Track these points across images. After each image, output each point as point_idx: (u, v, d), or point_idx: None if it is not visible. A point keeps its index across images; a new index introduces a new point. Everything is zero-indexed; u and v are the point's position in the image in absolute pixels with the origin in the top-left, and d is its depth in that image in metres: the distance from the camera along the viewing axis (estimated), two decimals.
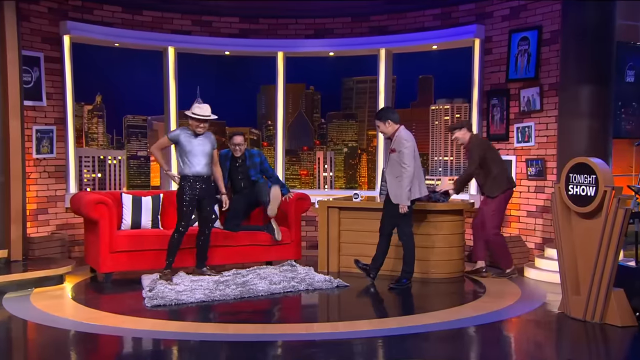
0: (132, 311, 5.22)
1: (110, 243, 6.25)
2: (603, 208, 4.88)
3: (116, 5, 8.01)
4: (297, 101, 10.10)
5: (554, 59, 7.05)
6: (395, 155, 6.05)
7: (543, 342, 4.76)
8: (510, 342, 4.81)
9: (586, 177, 4.98)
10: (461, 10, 8.01)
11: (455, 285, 6.37)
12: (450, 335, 4.74)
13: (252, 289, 5.87)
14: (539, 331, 4.95)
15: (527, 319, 5.20)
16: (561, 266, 5.25)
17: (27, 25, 7.18)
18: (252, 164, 6.92)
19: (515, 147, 7.51)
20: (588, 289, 4.98)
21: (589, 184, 4.96)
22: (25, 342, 4.77)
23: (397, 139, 6.07)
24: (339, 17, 8.69)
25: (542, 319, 5.21)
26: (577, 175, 5.05)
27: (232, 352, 4.36)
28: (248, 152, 6.96)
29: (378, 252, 6.23)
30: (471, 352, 4.58)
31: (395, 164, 6.04)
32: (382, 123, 6.13)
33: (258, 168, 6.94)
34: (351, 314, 5.59)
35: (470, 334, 4.82)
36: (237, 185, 6.94)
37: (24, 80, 6.84)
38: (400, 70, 8.91)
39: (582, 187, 5.01)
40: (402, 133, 6.10)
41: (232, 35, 8.65)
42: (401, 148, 5.98)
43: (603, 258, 4.89)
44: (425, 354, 4.31)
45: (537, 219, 7.30)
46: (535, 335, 4.87)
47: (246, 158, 6.91)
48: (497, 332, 4.95)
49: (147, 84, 8.92)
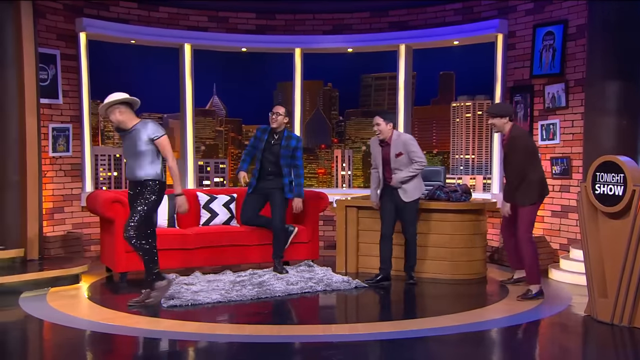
0: (148, 311, 5.25)
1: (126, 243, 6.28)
2: (632, 208, 4.81)
3: (132, 1, 8.07)
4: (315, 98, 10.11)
5: (580, 54, 6.96)
6: (402, 157, 6.16)
7: (569, 346, 4.70)
8: (534, 346, 4.75)
9: (614, 176, 4.92)
10: (484, 5, 7.95)
11: (476, 286, 6.31)
12: (471, 338, 4.69)
13: (269, 289, 5.87)
14: (564, 335, 4.89)
15: (551, 322, 5.13)
16: (587, 268, 5.18)
17: (43, 22, 7.25)
18: (287, 145, 6.51)
19: (539, 145, 7.41)
20: (616, 291, 4.91)
21: (616, 183, 4.90)
22: (41, 342, 4.82)
23: (401, 141, 6.20)
24: (357, 12, 8.66)
25: (568, 322, 5.15)
26: (605, 174, 4.99)
27: (248, 354, 4.35)
28: (288, 132, 6.65)
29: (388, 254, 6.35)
30: (493, 356, 4.53)
31: (403, 167, 6.17)
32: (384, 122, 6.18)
33: (290, 152, 6.54)
34: (370, 316, 5.60)
35: (492, 337, 4.78)
36: (264, 169, 6.55)
37: (40, 78, 6.91)
38: (421, 66, 8.86)
39: (609, 186, 4.94)
40: (405, 135, 6.38)
41: (249, 31, 8.67)
42: (411, 148, 6.15)
43: (632, 259, 4.81)
44: (445, 357, 4.28)
45: (562, 219, 7.22)
46: (561, 339, 4.81)
47: (283, 137, 6.55)
48: (520, 336, 4.90)
49: (163, 81, 8.97)
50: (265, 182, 6.59)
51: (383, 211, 6.36)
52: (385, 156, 6.25)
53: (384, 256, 6.36)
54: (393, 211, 6.28)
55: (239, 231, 6.78)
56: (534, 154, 5.82)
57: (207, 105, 10.15)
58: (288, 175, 6.59)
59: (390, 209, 6.29)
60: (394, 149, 6.18)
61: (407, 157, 6.16)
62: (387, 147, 6.23)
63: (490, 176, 8.01)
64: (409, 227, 6.30)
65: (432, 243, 6.57)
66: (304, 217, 7.01)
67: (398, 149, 6.17)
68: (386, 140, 6.22)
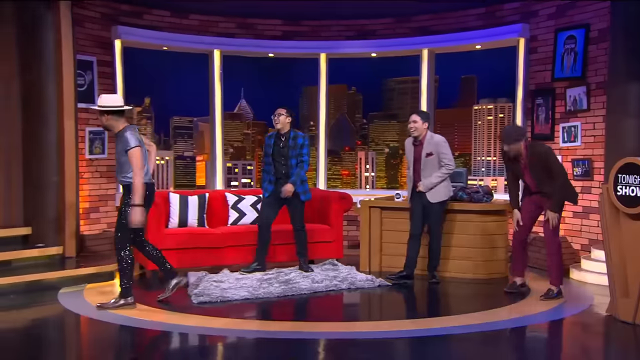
0: (179, 307, 5.28)
1: (159, 241, 6.30)
2: None
3: (164, 9, 8.15)
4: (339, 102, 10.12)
5: (602, 58, 6.85)
6: (432, 158, 6.13)
7: (590, 346, 4.63)
8: (556, 346, 4.69)
9: (636, 178, 4.84)
10: (506, 9, 7.86)
11: (499, 286, 6.23)
12: (493, 336, 4.64)
13: (295, 287, 5.88)
14: (586, 334, 4.82)
15: (573, 322, 5.06)
16: (609, 268, 5.10)
17: (81, 30, 7.35)
18: (294, 144, 6.41)
19: (560, 147, 7.32)
20: (638, 291, 4.82)
21: (638, 184, 4.81)
22: (78, 335, 4.90)
23: (434, 142, 6.17)
24: (381, 18, 8.64)
25: (589, 322, 5.07)
26: (627, 175, 4.90)
27: (274, 349, 4.35)
28: (294, 132, 6.49)
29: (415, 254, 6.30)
30: (514, 355, 4.47)
31: (432, 167, 6.14)
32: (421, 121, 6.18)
33: (298, 150, 6.42)
34: (393, 314, 5.57)
35: (514, 336, 4.73)
36: (278, 171, 6.46)
37: (77, 83, 6.99)
38: (443, 70, 8.81)
39: (631, 188, 4.86)
40: (438, 136, 6.28)
41: (275, 37, 8.70)
42: (442, 150, 6.13)
43: None
44: (467, 355, 4.24)
45: (584, 219, 7.11)
46: (582, 339, 4.75)
47: (290, 138, 6.45)
48: (541, 335, 4.84)
49: (193, 86, 9.06)
50: (280, 186, 6.46)
51: (412, 212, 6.32)
52: (416, 155, 6.24)
53: (410, 255, 6.32)
54: (421, 212, 6.25)
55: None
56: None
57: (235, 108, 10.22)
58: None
59: (418, 209, 6.27)
60: (425, 149, 6.16)
61: (437, 158, 6.14)
62: (420, 147, 6.21)
63: None
64: (434, 228, 6.28)
65: (454, 243, 6.54)
66: (329, 217, 7.00)
67: (429, 149, 6.15)
68: (420, 139, 6.21)
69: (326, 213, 7.02)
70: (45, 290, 5.76)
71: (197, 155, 9.83)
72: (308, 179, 6.78)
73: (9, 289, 5.66)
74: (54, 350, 4.58)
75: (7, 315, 5.15)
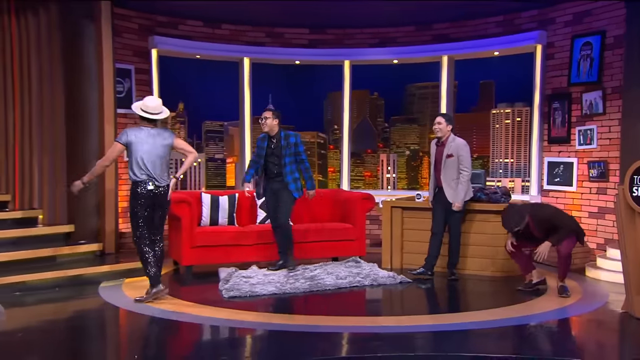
0: (211, 301, 5.32)
1: (191, 238, 6.40)
2: None
3: (198, 20, 8.24)
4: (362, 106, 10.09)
5: (617, 63, 6.74)
6: (452, 160, 6.08)
7: (606, 342, 4.55)
8: (571, 342, 4.62)
9: None
10: (523, 17, 7.78)
11: (515, 283, 6.16)
12: (510, 332, 4.61)
13: (320, 283, 5.89)
14: (601, 331, 4.74)
15: (588, 319, 4.99)
16: (625, 266, 5.01)
17: (120, 41, 7.47)
18: (287, 144, 6.25)
19: (577, 150, 7.23)
20: None
21: None
22: (117, 327, 4.96)
23: (455, 144, 6.14)
24: (402, 26, 8.62)
25: (605, 319, 4.99)
26: None
27: (300, 342, 4.36)
28: (284, 132, 6.31)
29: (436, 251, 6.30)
30: (532, 350, 4.42)
31: (451, 168, 6.11)
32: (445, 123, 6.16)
33: (292, 149, 6.28)
34: (414, 309, 5.55)
35: (531, 332, 4.66)
36: (270, 171, 6.33)
37: (117, 90, 7.08)
38: (462, 75, 8.73)
39: None
40: (459, 140, 6.22)
41: (302, 45, 8.73)
42: (462, 153, 6.09)
43: None
44: (486, 350, 4.21)
45: (599, 219, 7.00)
46: (598, 335, 4.67)
47: (281, 138, 6.26)
48: (557, 331, 4.78)
49: (224, 92, 9.11)
50: (273, 183, 6.39)
51: (434, 210, 6.32)
52: (438, 155, 6.23)
53: (431, 252, 6.32)
54: (442, 211, 6.24)
55: (293, 229, 6.81)
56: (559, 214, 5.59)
57: None
58: (290, 173, 6.30)
59: (439, 208, 6.26)
60: (447, 150, 6.15)
61: (457, 160, 6.11)
62: (442, 147, 6.20)
63: (529, 179, 7.84)
64: (453, 227, 6.25)
65: (473, 242, 6.50)
66: (352, 217, 7.00)
67: (450, 151, 6.14)
68: (442, 140, 6.21)
69: (349, 213, 7.02)
70: (86, 284, 5.87)
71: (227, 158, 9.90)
72: (331, 179, 6.77)
73: (54, 282, 5.77)
74: (94, 339, 4.66)
75: (52, 307, 5.27)
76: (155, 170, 5.12)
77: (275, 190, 6.40)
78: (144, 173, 5.09)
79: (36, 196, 6.78)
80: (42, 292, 5.58)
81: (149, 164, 5.09)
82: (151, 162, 5.10)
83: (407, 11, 8.18)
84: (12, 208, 6.79)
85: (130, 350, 4.32)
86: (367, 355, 3.97)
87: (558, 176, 7.44)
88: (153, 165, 5.11)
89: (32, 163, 6.77)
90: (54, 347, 4.29)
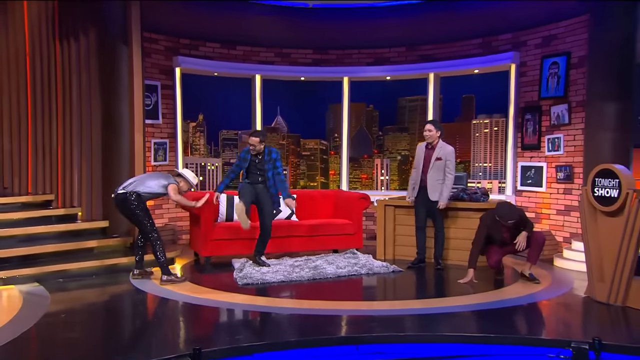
0: (227, 288, 5.36)
1: (210, 233, 6.43)
2: (625, 208, 4.69)
3: (216, 42, 8.30)
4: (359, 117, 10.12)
5: (581, 80, 6.80)
6: (440, 163, 6.06)
7: (571, 322, 4.61)
8: (542, 322, 4.67)
9: (610, 181, 4.80)
10: (500, 40, 7.83)
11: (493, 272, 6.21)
12: (489, 314, 4.65)
13: (322, 272, 5.93)
14: (568, 313, 4.79)
15: (556, 302, 5.04)
16: (587, 257, 5.06)
17: (148, 60, 7.53)
18: (269, 159, 6.13)
19: (546, 155, 7.28)
20: (611, 277, 4.80)
21: (612, 187, 4.78)
22: (145, 309, 4.99)
23: (445, 150, 6.12)
24: (394, 47, 8.66)
25: (570, 302, 5.04)
26: (602, 179, 4.87)
27: (305, 324, 4.40)
28: (268, 148, 6.18)
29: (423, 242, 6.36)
30: (507, 330, 4.47)
31: (438, 171, 6.10)
32: (435, 130, 6.15)
33: (273, 163, 6.16)
34: (405, 295, 5.58)
35: (507, 314, 4.70)
36: (254, 179, 6.18)
37: (145, 103, 7.11)
38: (446, 90, 8.77)
39: (606, 190, 4.82)
40: (449, 147, 6.21)
41: (307, 64, 8.77)
42: (450, 158, 6.08)
43: (625, 250, 4.70)
44: (468, 329, 4.26)
45: (565, 216, 7.05)
46: (564, 316, 4.72)
47: (265, 154, 6.14)
48: (530, 313, 4.82)
49: (238, 105, 9.13)
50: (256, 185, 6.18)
51: (416, 207, 6.34)
52: (427, 157, 6.20)
53: (419, 244, 6.35)
54: (423, 207, 6.26)
55: (297, 225, 6.86)
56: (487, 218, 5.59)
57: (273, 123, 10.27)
58: (273, 186, 6.16)
59: (422, 205, 6.27)
60: (436, 153, 6.12)
61: (444, 164, 6.10)
62: (432, 151, 6.17)
63: (505, 181, 7.88)
64: (436, 222, 6.27)
65: (457, 236, 6.53)
66: (350, 214, 7.04)
67: (440, 154, 6.11)
68: (432, 145, 6.18)
69: (348, 210, 7.07)
70: (119, 272, 5.90)
71: None
72: (332, 181, 6.78)
73: (92, 270, 5.83)
74: (126, 319, 4.72)
75: (90, 292, 5.32)
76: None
77: (259, 191, 6.15)
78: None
79: (76, 196, 6.82)
80: (82, 279, 5.65)
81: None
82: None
83: (398, 35, 8.25)
84: (55, 206, 6.85)
85: (156, 328, 4.36)
86: (364, 334, 4.02)
87: (530, 178, 7.48)
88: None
89: (73, 167, 6.82)
90: (91, 326, 4.36)
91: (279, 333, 4.15)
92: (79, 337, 4.08)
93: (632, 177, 4.85)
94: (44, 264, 5.64)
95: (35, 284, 5.40)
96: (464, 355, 3.91)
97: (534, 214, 7.35)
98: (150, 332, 4.32)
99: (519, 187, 7.64)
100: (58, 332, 4.16)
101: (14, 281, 5.38)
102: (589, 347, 3.75)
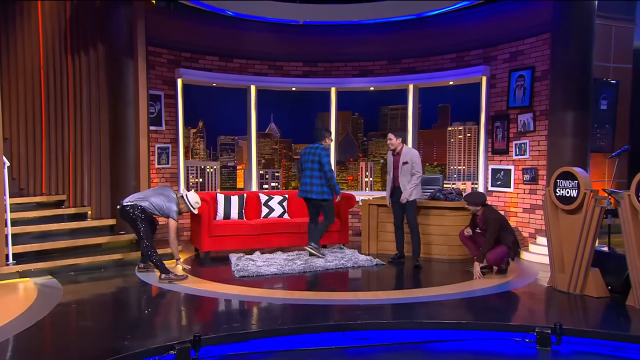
0: (225, 280, 5.37)
1: (209, 229, 6.44)
2: (583, 206, 4.78)
3: (214, 55, 8.30)
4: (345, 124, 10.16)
5: (544, 92, 6.90)
6: (407, 166, 6.10)
7: (536, 309, 4.68)
8: (510, 309, 4.74)
9: (570, 182, 4.89)
10: (472, 55, 7.93)
11: (467, 264, 6.28)
12: (462, 302, 4.71)
13: (312, 265, 5.95)
14: (533, 300, 4.86)
15: (523, 291, 5.12)
16: (550, 251, 5.15)
17: (153, 72, 7.52)
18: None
19: (514, 159, 7.37)
20: (571, 268, 4.88)
21: (572, 187, 4.86)
22: (149, 300, 4.98)
23: (410, 154, 6.12)
24: (378, 61, 8.73)
25: (535, 291, 5.11)
26: (563, 180, 4.96)
27: (297, 312, 4.42)
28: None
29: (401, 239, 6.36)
30: (478, 317, 4.53)
31: (407, 173, 6.11)
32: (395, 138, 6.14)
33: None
34: (387, 286, 5.60)
35: (478, 302, 4.76)
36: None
37: (149, 111, 7.11)
38: (424, 100, 8.84)
39: (567, 190, 4.91)
40: (414, 150, 6.23)
41: (297, 75, 8.80)
42: (415, 160, 6.07)
43: (583, 244, 4.78)
44: (444, 317, 4.31)
45: (531, 214, 7.14)
46: (530, 304, 4.79)
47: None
48: (499, 301, 4.87)
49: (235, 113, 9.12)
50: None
51: (393, 207, 6.35)
52: (395, 163, 6.22)
53: (398, 240, 6.37)
54: (400, 207, 6.28)
55: (289, 222, 6.89)
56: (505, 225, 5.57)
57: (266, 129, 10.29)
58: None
59: (397, 205, 6.28)
60: (402, 158, 6.14)
61: (411, 166, 6.11)
62: (398, 157, 6.18)
63: (477, 182, 7.97)
64: (410, 221, 6.20)
65: (434, 232, 6.59)
66: (338, 212, 7.04)
67: (406, 159, 6.11)
68: (397, 151, 6.19)
69: (336, 209, 7.08)
70: (125, 266, 5.90)
71: (237, 165, 9.92)
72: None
73: (100, 264, 5.82)
74: (132, 309, 4.71)
75: (98, 284, 5.31)
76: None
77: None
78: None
79: (86, 196, 6.80)
80: (91, 272, 5.64)
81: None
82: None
83: (381, 50, 8.31)
84: (67, 205, 6.82)
85: (159, 317, 4.37)
86: (350, 322, 4.04)
87: (499, 180, 7.57)
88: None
89: (83, 169, 6.79)
90: (100, 315, 4.36)
91: (272, 321, 4.16)
92: (89, 324, 4.08)
93: (589, 179, 4.95)
94: (57, 259, 5.62)
95: (48, 276, 5.39)
96: (440, 340, 3.96)
97: (503, 211, 7.44)
98: (154, 320, 4.32)
99: (489, 188, 7.72)
100: (70, 320, 4.17)
101: (29, 274, 5.37)
102: (551, 331, 3.82)
